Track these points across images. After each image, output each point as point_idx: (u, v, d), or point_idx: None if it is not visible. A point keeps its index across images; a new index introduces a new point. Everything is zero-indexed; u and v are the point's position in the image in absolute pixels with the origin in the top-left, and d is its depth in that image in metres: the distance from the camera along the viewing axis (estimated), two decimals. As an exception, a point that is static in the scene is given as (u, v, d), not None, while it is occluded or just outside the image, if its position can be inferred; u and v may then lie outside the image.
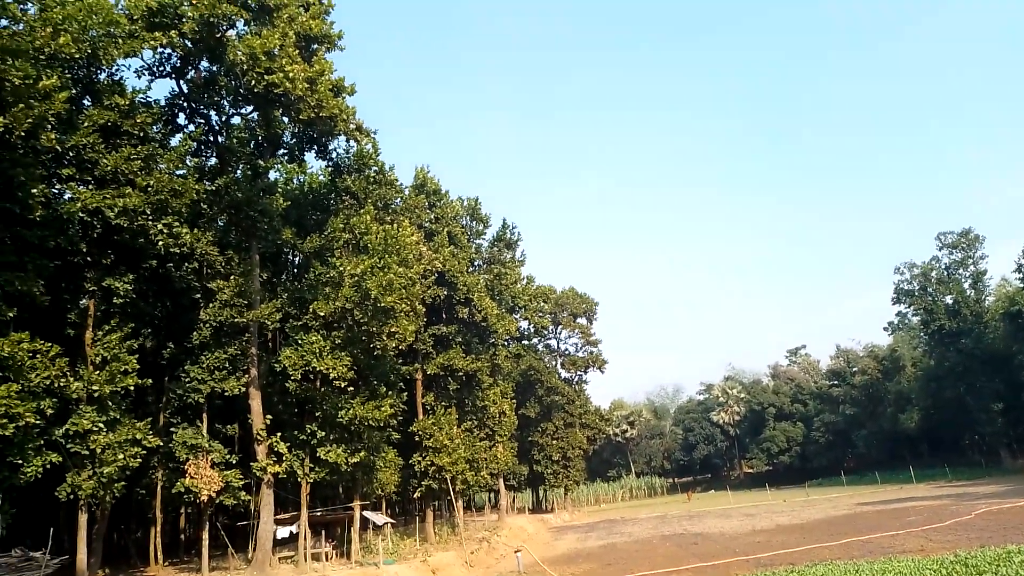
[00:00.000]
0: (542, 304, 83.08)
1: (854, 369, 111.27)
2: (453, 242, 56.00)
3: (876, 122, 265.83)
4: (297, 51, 32.70)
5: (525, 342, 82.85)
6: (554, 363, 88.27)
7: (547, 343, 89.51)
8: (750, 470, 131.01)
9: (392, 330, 35.12)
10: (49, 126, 25.55)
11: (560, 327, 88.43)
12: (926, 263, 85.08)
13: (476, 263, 63.44)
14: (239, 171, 36.58)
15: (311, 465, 35.08)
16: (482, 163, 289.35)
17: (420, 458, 47.46)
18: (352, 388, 35.61)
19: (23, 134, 23.39)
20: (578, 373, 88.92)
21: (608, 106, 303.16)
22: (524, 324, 79.41)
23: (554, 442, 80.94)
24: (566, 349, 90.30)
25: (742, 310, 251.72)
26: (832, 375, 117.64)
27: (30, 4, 28.21)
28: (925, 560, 21.21)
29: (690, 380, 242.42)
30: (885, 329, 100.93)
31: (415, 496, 51.47)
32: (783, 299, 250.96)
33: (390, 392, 39.55)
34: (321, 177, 46.47)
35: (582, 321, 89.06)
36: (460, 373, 53.05)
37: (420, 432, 47.92)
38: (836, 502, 62.10)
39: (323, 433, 34.79)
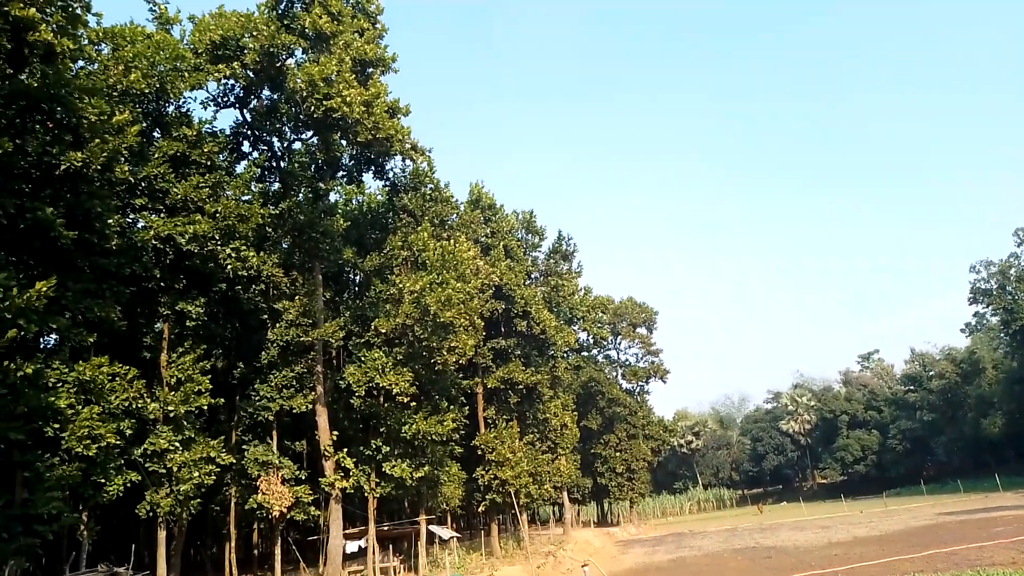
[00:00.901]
0: (600, 315, 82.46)
1: (931, 373, 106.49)
2: (509, 256, 56.24)
3: (945, 115, 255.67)
4: (353, 75, 33.55)
5: (584, 353, 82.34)
6: (615, 374, 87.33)
7: (607, 354, 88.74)
8: (823, 480, 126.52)
9: (452, 345, 35.44)
10: (123, 159, 26.83)
11: (619, 337, 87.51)
12: (1004, 260, 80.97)
13: (533, 276, 63.50)
14: (301, 194, 37.68)
15: (377, 480, 35.58)
16: (534, 174, 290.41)
17: (483, 472, 47.58)
18: (414, 403, 36.04)
19: (99, 167, 24.61)
20: (639, 384, 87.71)
21: (655, 110, 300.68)
22: (583, 335, 78.95)
23: (617, 454, 79.95)
24: (626, 359, 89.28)
25: (808, 315, 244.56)
26: (907, 380, 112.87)
27: (103, 44, 29.88)
28: (1017, 574, 20.05)
29: (757, 389, 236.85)
30: (962, 331, 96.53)
31: (480, 510, 51.59)
32: (852, 303, 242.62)
33: (452, 407, 39.88)
34: (379, 197, 47.44)
35: (642, 331, 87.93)
36: (520, 386, 53.05)
37: (482, 446, 48.06)
38: (916, 512, 59.38)
39: (388, 448, 35.30)
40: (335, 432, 36.11)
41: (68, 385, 23.76)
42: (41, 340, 26.41)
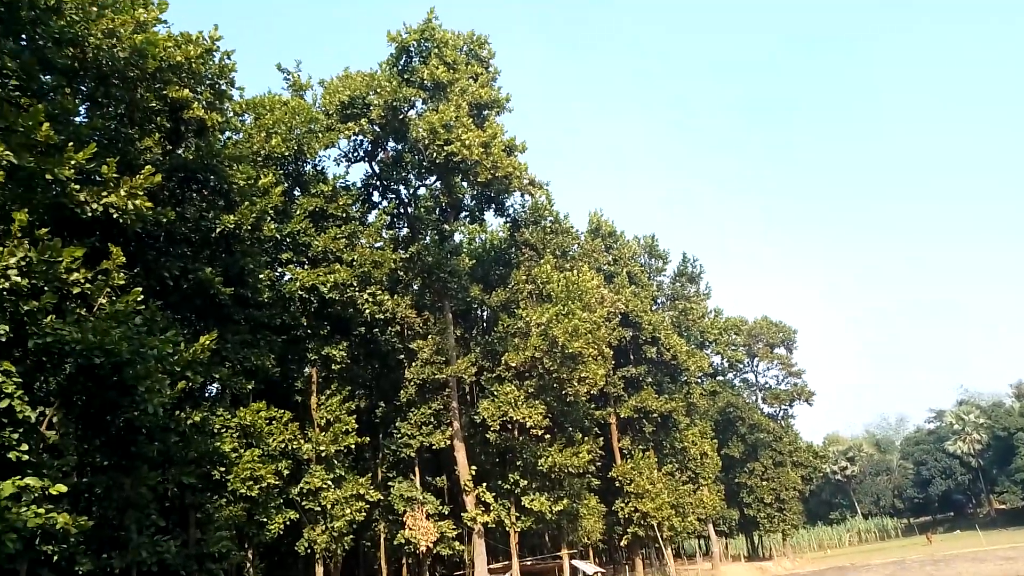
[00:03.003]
0: (734, 336, 79.20)
1: None
2: (633, 282, 55.58)
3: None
4: (470, 119, 34.81)
5: (720, 378, 79.25)
6: (754, 398, 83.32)
7: (744, 377, 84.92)
8: (1002, 506, 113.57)
9: (582, 375, 35.35)
10: (269, 218, 29.15)
11: (757, 359, 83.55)
12: None
13: (659, 301, 62.33)
14: (428, 237, 39.27)
15: (517, 514, 35.74)
16: (654, 196, 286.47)
17: (623, 504, 46.63)
18: (549, 436, 36.10)
19: (250, 227, 26.86)
20: (782, 407, 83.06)
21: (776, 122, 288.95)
22: (717, 359, 76.10)
23: (764, 483, 75.72)
24: (766, 382, 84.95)
25: (969, 327, 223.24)
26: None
27: (246, 115, 32.78)
28: None
29: (915, 408, 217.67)
30: None
31: (622, 544, 50.44)
32: (1016, 308, 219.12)
33: (586, 438, 39.60)
34: (500, 233, 48.51)
35: (780, 351, 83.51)
36: (654, 414, 51.83)
37: (620, 477, 47.18)
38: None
39: (525, 482, 35.46)
40: (473, 467, 36.72)
41: (231, 430, 25.71)
42: (206, 390, 28.87)
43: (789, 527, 79.42)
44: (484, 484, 35.90)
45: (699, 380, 64.43)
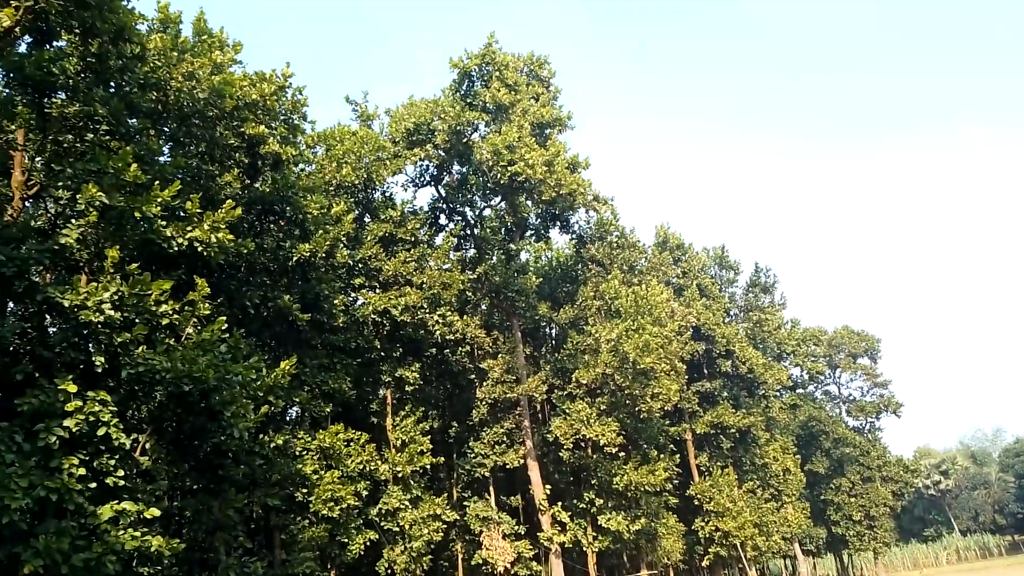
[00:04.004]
0: (813, 347, 76.42)
1: None
2: (704, 294, 54.47)
3: None
4: (533, 139, 35.08)
5: (800, 391, 76.47)
6: (838, 411, 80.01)
7: (825, 389, 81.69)
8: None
9: (655, 391, 34.78)
10: (342, 245, 30.03)
11: (839, 370, 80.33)
12: None
13: (732, 312, 60.84)
14: (495, 257, 39.58)
15: (594, 533, 35.29)
16: (720, 208, 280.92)
17: (703, 523, 45.42)
18: (623, 453, 35.63)
19: (324, 255, 27.75)
20: (868, 420, 79.41)
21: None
22: (796, 371, 73.58)
23: (852, 499, 72.39)
24: (849, 394, 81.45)
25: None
26: None
27: (318, 147, 34.00)
28: None
29: (1013, 418, 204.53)
30: None
31: (703, 564, 49.05)
32: None
33: (661, 455, 38.88)
34: (566, 250, 48.45)
35: (864, 361, 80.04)
36: (732, 430, 50.43)
37: (699, 495, 46.02)
38: None
39: (601, 500, 35.04)
40: (548, 486, 36.50)
41: (311, 453, 26.43)
42: (287, 414, 29.80)
43: (881, 545, 75.49)
44: (559, 503, 35.63)
45: (778, 393, 62.41)
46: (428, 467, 31.77)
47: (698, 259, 57.94)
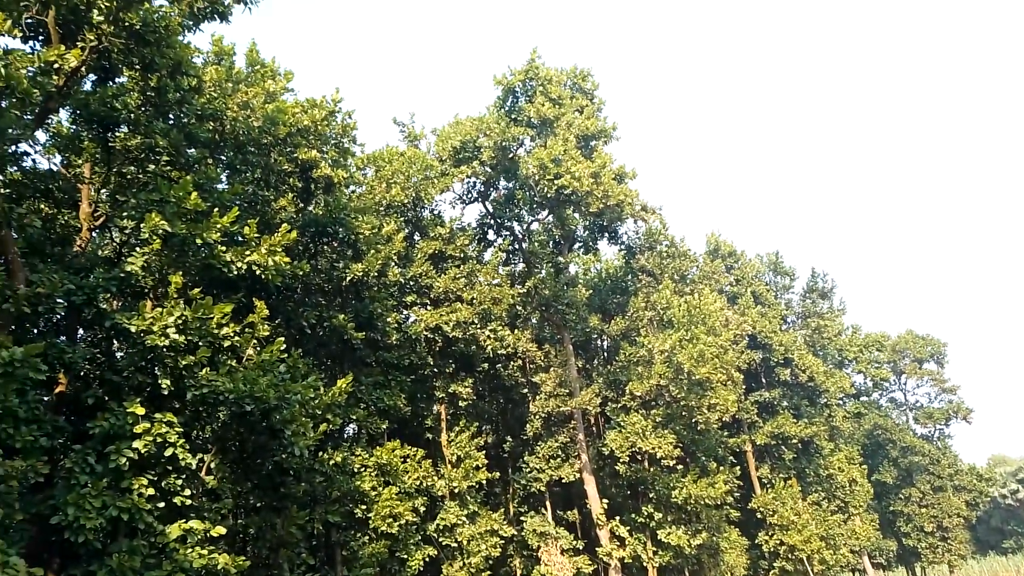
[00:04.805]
0: (876, 353, 73.97)
1: None
2: (759, 302, 53.35)
3: None
4: (578, 151, 35.07)
5: (864, 398, 74.05)
6: (904, 419, 77.15)
7: (891, 396, 78.87)
8: None
9: (712, 402, 34.21)
10: (393, 263, 30.51)
11: (904, 376, 77.54)
12: None
13: (789, 320, 59.39)
14: (543, 270, 39.62)
15: (654, 548, 34.71)
16: (773, 215, 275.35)
17: (767, 537, 44.20)
18: (681, 466, 35.05)
19: (376, 274, 28.25)
20: (937, 427, 76.30)
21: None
22: (859, 378, 71.35)
23: (923, 510, 69.51)
24: (916, 401, 78.46)
25: None
26: None
27: (368, 168, 34.69)
28: None
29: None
30: None
31: (768, 579, 47.66)
32: None
33: (721, 467, 38.09)
34: (615, 261, 48.16)
35: (930, 366, 77.07)
36: (794, 440, 49.10)
37: (761, 508, 44.83)
38: None
39: (660, 515, 34.47)
40: (605, 500, 36.09)
41: (369, 469, 26.77)
42: (344, 431, 30.27)
43: (956, 558, 72.18)
44: (617, 518, 35.17)
45: (841, 402, 60.56)
46: (484, 482, 31.83)
47: (751, 266, 56.86)
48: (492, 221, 40.44)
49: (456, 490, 30.38)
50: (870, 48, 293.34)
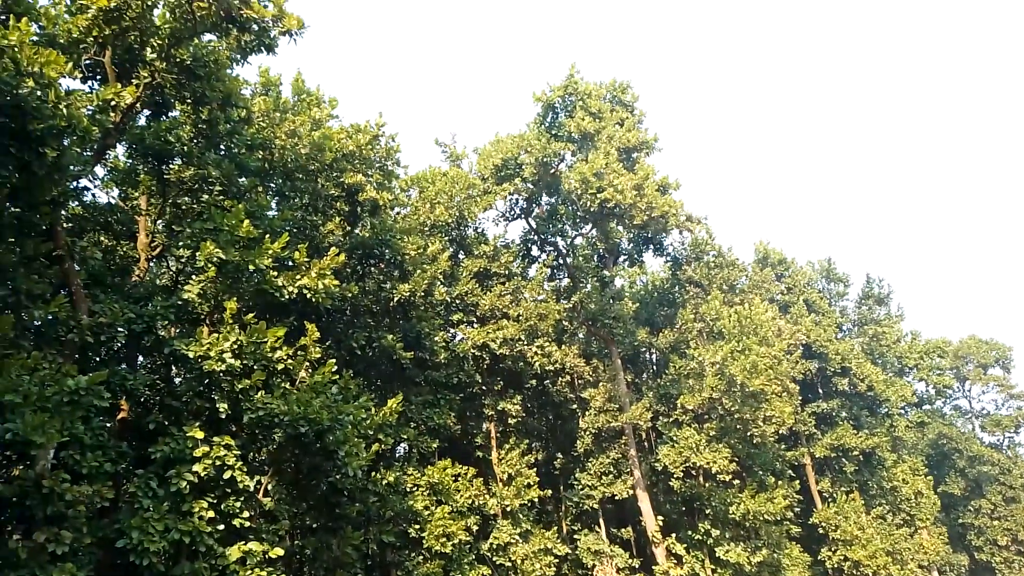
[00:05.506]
0: (938, 360, 71.38)
1: None
2: (812, 310, 52.10)
3: None
4: (620, 164, 34.90)
5: (927, 407, 71.44)
6: (970, 427, 74.18)
7: (955, 404, 75.96)
8: None
9: (767, 414, 33.40)
10: (439, 282, 30.74)
11: (968, 383, 74.62)
12: None
13: (844, 328, 57.87)
14: (589, 285, 39.40)
15: (712, 567, 33.86)
16: (824, 217, 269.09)
17: (830, 552, 42.80)
18: (737, 481, 34.25)
19: (423, 294, 28.50)
20: (1006, 435, 73.10)
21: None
22: (920, 386, 68.86)
23: (995, 522, 66.41)
24: (983, 408, 75.39)
25: None
26: None
27: (412, 190, 35.15)
28: None
29: None
30: None
31: (832, 597, 46.04)
32: None
33: (779, 481, 37.12)
34: (662, 273, 47.67)
35: (996, 372, 74.04)
36: (854, 452, 47.57)
37: (823, 523, 43.47)
38: None
39: (717, 531, 33.67)
40: (660, 517, 35.43)
41: (421, 488, 26.81)
42: (395, 451, 30.44)
43: (1035, 573, 68.73)
44: (673, 535, 34.47)
45: (903, 411, 58.51)
46: (536, 500, 31.57)
47: (803, 274, 55.62)
48: (536, 237, 40.47)
49: (508, 508, 30.21)
50: (934, 45, 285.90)
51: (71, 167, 15.25)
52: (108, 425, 16.88)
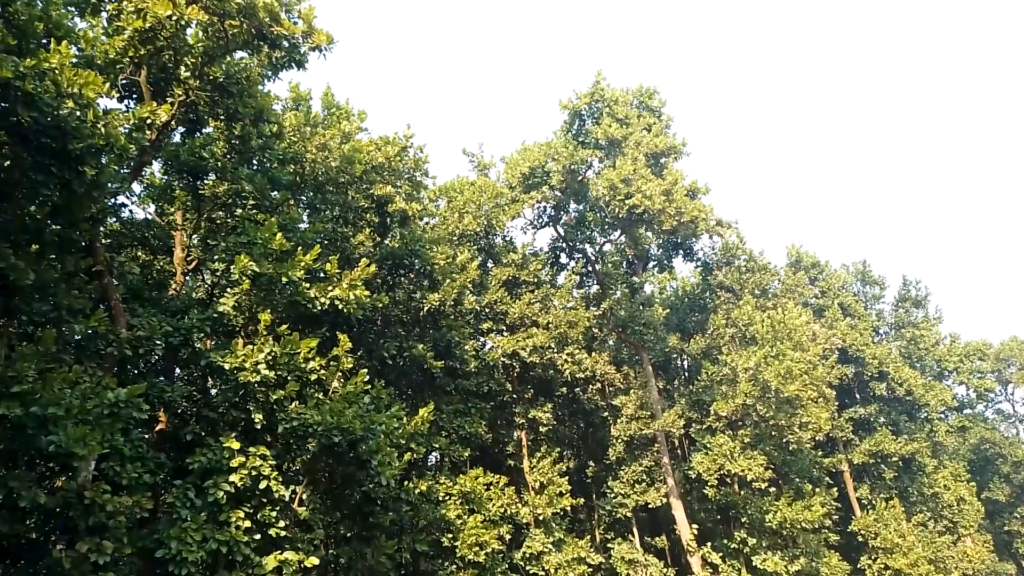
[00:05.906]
0: (979, 363, 69.55)
1: None
2: (847, 313, 51.17)
3: None
4: (648, 169, 34.72)
5: (968, 411, 69.62)
6: (1014, 431, 72.11)
7: (997, 408, 73.84)
8: None
9: (803, 420, 32.79)
10: (468, 291, 30.83)
11: (1010, 386, 72.56)
12: None
13: (881, 331, 56.75)
14: (618, 291, 39.18)
15: None
16: (857, 218, 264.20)
17: (870, 561, 41.84)
18: (773, 488, 33.71)
19: (452, 303, 28.62)
20: (1053, 439, 70.94)
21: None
22: (961, 390, 67.16)
23: (1043, 530, 64.45)
24: (1026, 412, 73.23)
25: None
26: None
27: (440, 200, 35.37)
28: None
29: None
30: None
31: (873, 606, 44.97)
32: None
33: (816, 489, 36.47)
34: (692, 279, 47.26)
35: (1039, 374, 71.87)
36: (894, 458, 46.52)
37: (862, 531, 42.55)
38: None
39: (754, 540, 33.14)
40: (694, 525, 35.00)
41: (454, 497, 26.85)
42: (427, 460, 30.54)
43: (1088, 583, 66.46)
44: (708, 544, 34.00)
45: (943, 415, 57.14)
46: (568, 509, 31.43)
47: (837, 277, 54.69)
48: (564, 244, 40.42)
49: (541, 517, 30.08)
50: (972, 43, 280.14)
51: (109, 184, 15.63)
52: (147, 437, 17.22)
